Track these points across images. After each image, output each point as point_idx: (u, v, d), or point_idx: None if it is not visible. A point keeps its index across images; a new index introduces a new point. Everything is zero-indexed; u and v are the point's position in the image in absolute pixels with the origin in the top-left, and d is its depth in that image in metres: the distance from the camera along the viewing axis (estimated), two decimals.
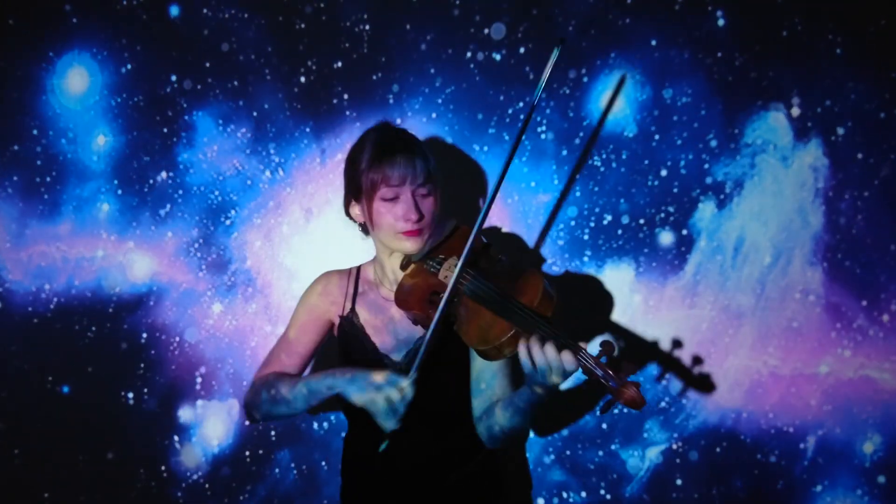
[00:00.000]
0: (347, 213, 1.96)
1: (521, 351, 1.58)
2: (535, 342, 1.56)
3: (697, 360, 2.31)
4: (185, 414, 2.51)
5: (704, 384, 2.32)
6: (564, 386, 1.92)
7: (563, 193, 2.36)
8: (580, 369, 1.54)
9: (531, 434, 2.43)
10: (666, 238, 2.34)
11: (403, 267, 1.88)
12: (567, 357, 1.53)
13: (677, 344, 2.32)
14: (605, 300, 2.37)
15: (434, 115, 2.38)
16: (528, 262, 2.36)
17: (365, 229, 1.96)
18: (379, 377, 1.71)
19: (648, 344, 2.34)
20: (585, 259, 2.37)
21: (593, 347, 1.53)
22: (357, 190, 1.87)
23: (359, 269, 2.03)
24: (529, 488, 2.34)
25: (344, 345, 1.97)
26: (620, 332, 2.35)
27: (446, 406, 1.89)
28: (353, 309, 1.96)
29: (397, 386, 1.68)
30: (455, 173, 2.32)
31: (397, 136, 1.89)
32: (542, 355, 1.54)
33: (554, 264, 2.38)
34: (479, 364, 1.87)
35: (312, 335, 2.02)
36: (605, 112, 2.33)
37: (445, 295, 1.68)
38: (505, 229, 2.40)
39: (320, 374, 1.83)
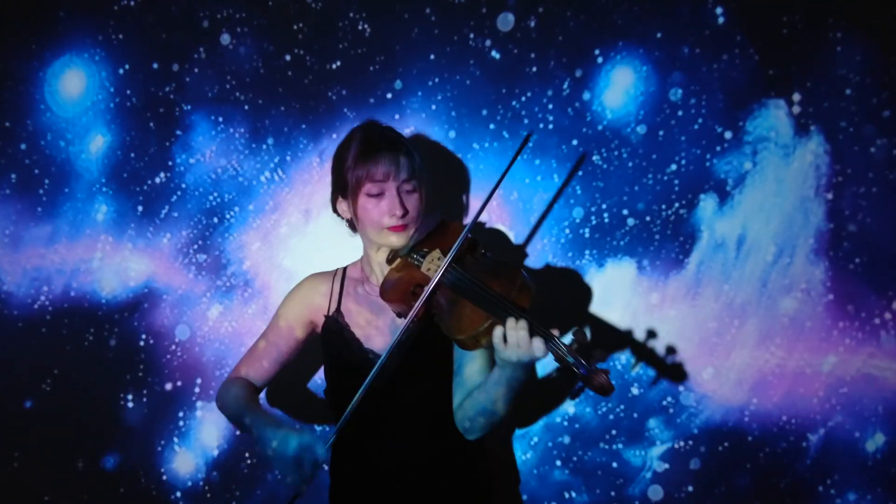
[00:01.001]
0: (335, 210, 1.98)
1: (496, 334, 1.60)
2: (509, 325, 1.59)
3: (701, 358, 2.30)
4: (184, 417, 2.50)
5: (709, 380, 2.30)
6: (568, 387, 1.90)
7: (564, 191, 2.35)
8: (552, 355, 1.59)
9: (535, 438, 2.41)
10: (668, 234, 2.33)
11: (390, 261, 1.89)
12: (537, 343, 1.56)
13: (680, 341, 2.31)
14: (607, 297, 2.35)
15: (433, 108, 2.36)
16: (514, 259, 2.37)
17: (352, 226, 1.98)
18: (295, 435, 1.69)
19: (651, 341, 2.33)
20: (587, 256, 2.36)
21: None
22: (343, 186, 1.89)
23: (345, 269, 2.05)
24: (517, 484, 2.35)
25: (328, 344, 1.97)
26: (621, 329, 2.35)
27: (431, 408, 1.89)
28: (338, 308, 1.97)
29: (310, 448, 1.66)
30: (442, 170, 2.32)
31: (382, 134, 1.92)
32: (514, 337, 1.58)
33: (555, 262, 2.37)
34: (458, 357, 1.88)
35: (291, 338, 2.02)
36: (607, 108, 2.32)
37: (428, 287, 1.70)
38: (506, 227, 2.39)
39: (257, 412, 1.85)
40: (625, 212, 2.34)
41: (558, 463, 2.39)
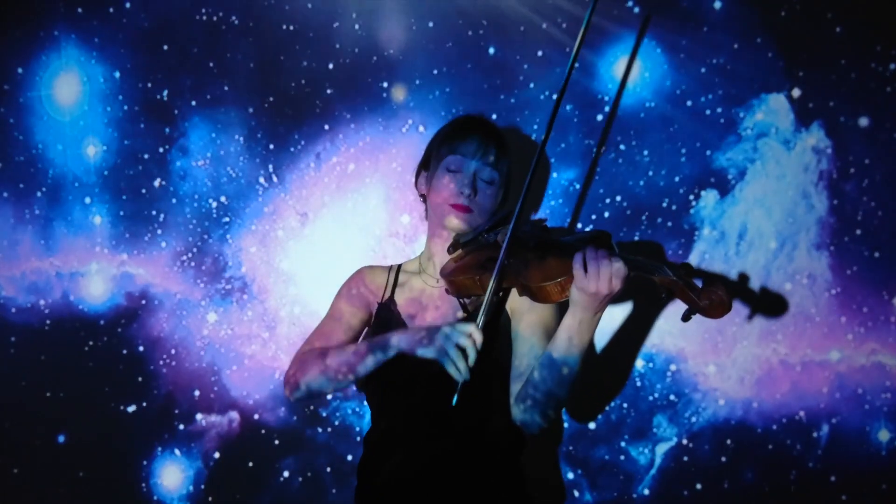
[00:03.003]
0: (416, 186, 2.03)
1: (576, 259, 1.55)
2: (590, 251, 1.54)
3: (704, 353, 2.28)
4: (183, 423, 2.48)
5: (713, 376, 2.29)
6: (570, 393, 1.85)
7: (562, 186, 2.33)
8: (632, 273, 1.53)
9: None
10: (669, 227, 2.31)
11: (450, 251, 1.88)
12: (618, 265, 1.52)
13: (683, 336, 2.29)
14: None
15: (433, 104, 2.36)
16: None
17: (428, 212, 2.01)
18: (446, 327, 1.63)
19: (654, 337, 2.32)
20: None
21: None
22: (427, 159, 1.96)
23: (400, 264, 2.05)
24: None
25: (379, 331, 1.90)
26: (622, 324, 2.33)
27: (476, 410, 1.77)
28: (391, 297, 1.96)
29: (466, 331, 1.60)
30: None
31: (482, 121, 1.97)
32: (594, 260, 1.53)
33: None
34: (518, 347, 1.79)
35: (354, 319, 1.98)
36: (604, 102, 2.31)
37: (508, 231, 1.64)
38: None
39: (378, 337, 1.78)
40: (624, 204, 2.32)
41: (562, 458, 2.36)
